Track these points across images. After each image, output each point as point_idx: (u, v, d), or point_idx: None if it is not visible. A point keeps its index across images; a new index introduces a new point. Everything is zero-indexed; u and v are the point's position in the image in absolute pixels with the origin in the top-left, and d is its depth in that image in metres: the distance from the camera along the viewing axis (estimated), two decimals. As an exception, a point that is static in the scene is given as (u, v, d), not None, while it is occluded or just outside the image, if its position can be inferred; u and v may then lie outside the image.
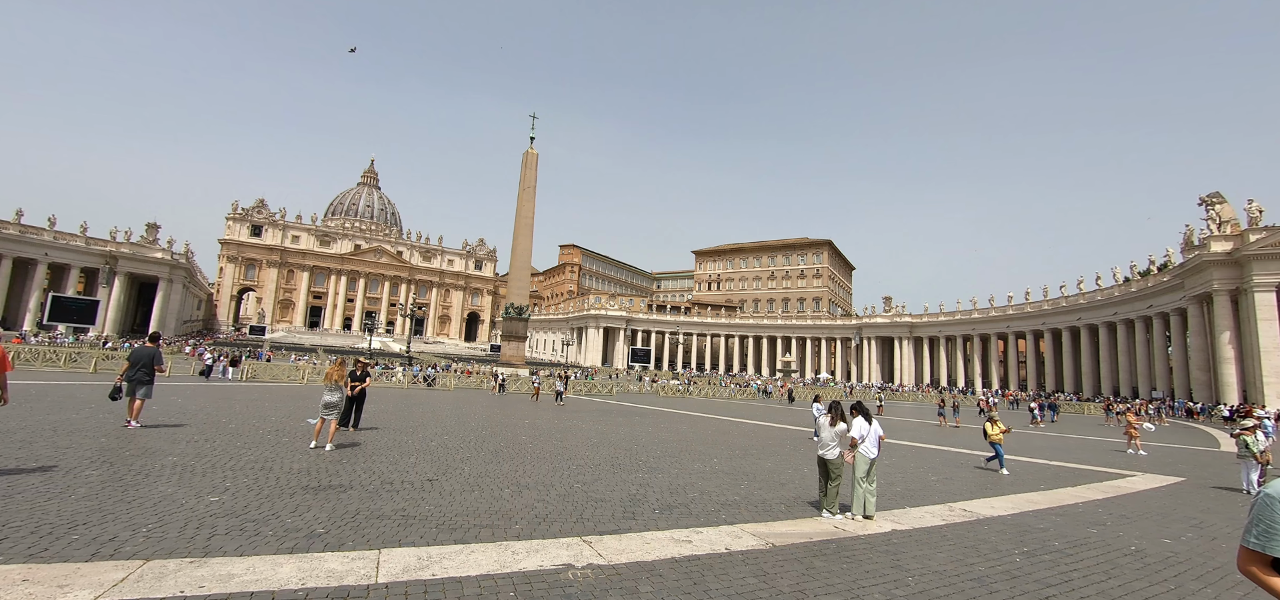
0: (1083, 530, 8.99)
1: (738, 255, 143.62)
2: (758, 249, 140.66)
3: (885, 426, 29.74)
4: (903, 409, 52.26)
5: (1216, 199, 55.51)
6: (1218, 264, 51.46)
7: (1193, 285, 55.05)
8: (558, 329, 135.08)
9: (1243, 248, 49.82)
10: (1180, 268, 57.71)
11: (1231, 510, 11.49)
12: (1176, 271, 58.50)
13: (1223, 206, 54.99)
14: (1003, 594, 5.95)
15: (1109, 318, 69.16)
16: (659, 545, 6.85)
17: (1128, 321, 66.80)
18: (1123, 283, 69.42)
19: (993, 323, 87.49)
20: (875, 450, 8.88)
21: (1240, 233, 51.25)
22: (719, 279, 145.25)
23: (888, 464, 15.33)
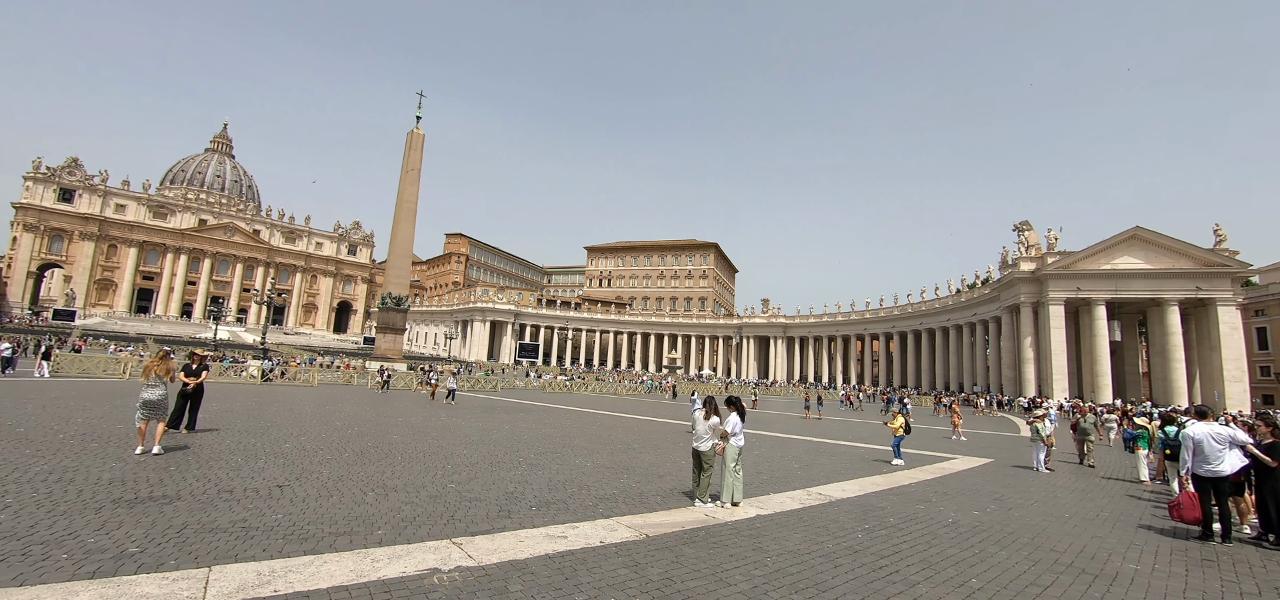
0: (913, 506, 10.30)
1: (629, 253, 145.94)
2: (648, 248, 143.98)
3: (760, 420, 31.91)
4: (776, 403, 56.33)
5: (1025, 226, 66.17)
6: (1024, 281, 61.41)
7: (1006, 298, 65.18)
8: (440, 321, 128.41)
9: (1042, 268, 59.93)
10: (997, 283, 68.14)
11: (1025, 485, 13.77)
12: (994, 286, 68.98)
13: (1030, 232, 65.68)
14: (846, 567, 6.64)
15: (943, 323, 79.81)
16: (533, 543, 6.76)
17: (957, 327, 77.52)
18: (954, 294, 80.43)
19: (853, 325, 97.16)
20: (743, 441, 9.47)
21: (1041, 255, 61.58)
22: (610, 276, 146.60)
23: (758, 454, 16.43)
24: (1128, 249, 57.49)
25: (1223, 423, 9.90)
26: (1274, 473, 8.89)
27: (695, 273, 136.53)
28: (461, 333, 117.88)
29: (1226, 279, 54.66)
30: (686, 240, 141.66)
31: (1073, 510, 10.99)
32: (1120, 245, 57.78)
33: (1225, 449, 9.02)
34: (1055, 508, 11.14)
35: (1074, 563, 7.41)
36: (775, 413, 40.35)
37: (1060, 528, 9.39)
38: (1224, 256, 54.46)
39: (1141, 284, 56.70)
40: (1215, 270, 54.54)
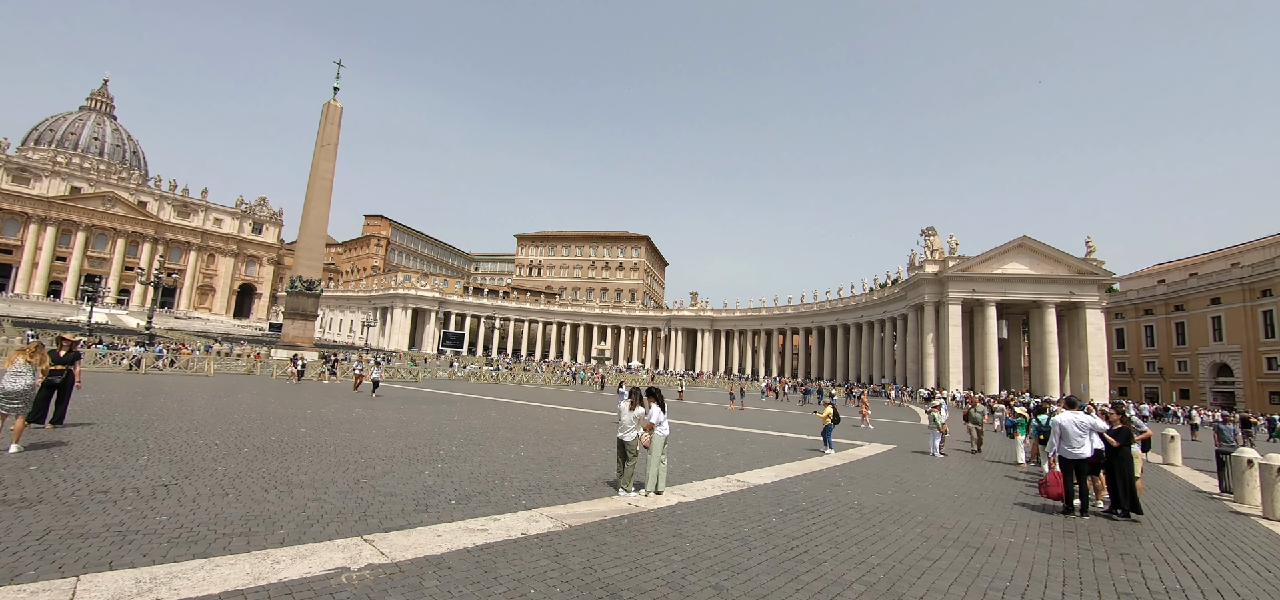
0: (823, 491, 10.95)
1: (560, 243, 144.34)
2: (580, 239, 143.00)
3: (686, 410, 32.63)
4: (702, 394, 57.81)
5: (931, 232, 71.56)
6: (928, 282, 66.46)
7: (912, 297, 70.28)
8: (357, 308, 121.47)
9: (944, 271, 65.10)
10: (904, 283, 73.33)
11: (922, 469, 14.98)
12: (902, 286, 74.18)
13: (934, 238, 71.10)
14: (760, 549, 6.96)
15: (857, 320, 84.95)
16: (451, 537, 6.59)
17: (870, 323, 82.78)
18: (868, 292, 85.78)
19: (775, 319, 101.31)
20: (667, 430, 9.67)
21: (943, 259, 66.86)
22: (541, 265, 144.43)
23: (683, 444, 16.82)
24: (1016, 256, 63.59)
25: (1086, 412, 11.22)
26: (1119, 454, 10.21)
27: (626, 265, 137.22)
28: (380, 320, 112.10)
29: (1094, 285, 61.78)
30: (619, 232, 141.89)
31: (961, 491, 12.10)
32: (1009, 252, 63.80)
33: (1086, 435, 10.25)
34: (947, 489, 12.21)
35: (960, 537, 8.17)
36: (701, 403, 41.41)
37: (950, 507, 10.31)
38: (1093, 265, 61.50)
39: (1026, 288, 62.96)
40: (1085, 277, 61.50)
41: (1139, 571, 7.09)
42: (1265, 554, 8.36)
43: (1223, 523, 10.44)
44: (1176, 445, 19.42)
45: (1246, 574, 7.30)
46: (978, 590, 6.05)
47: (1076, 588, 6.33)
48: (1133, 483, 10.38)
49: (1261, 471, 11.13)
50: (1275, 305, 60.77)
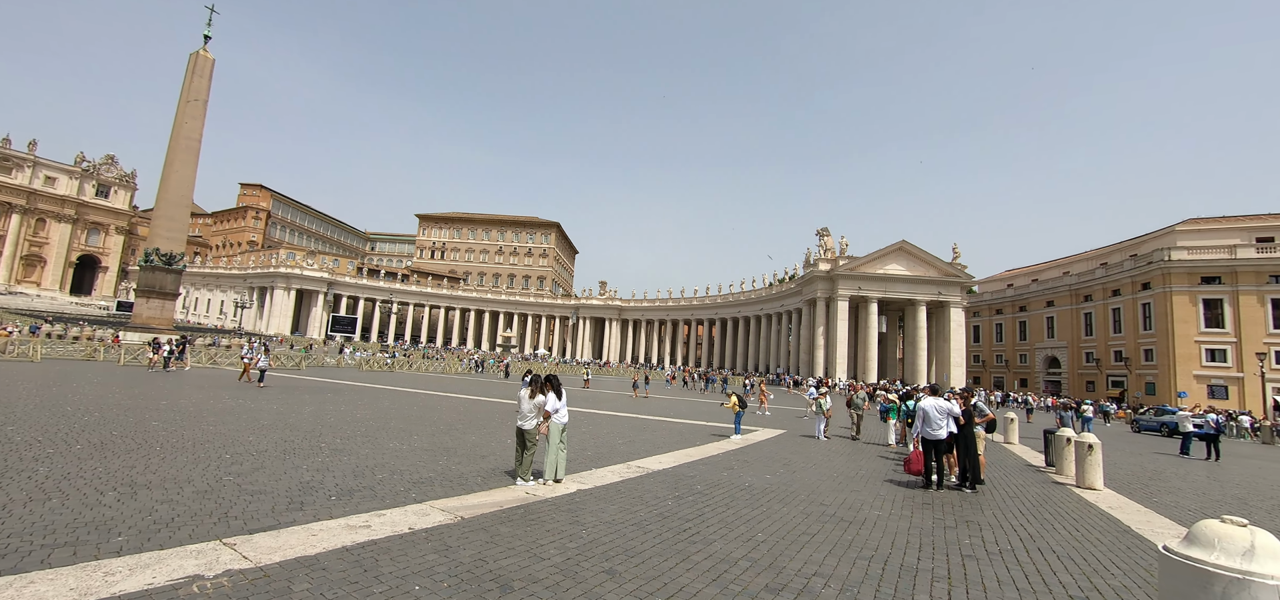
0: (718, 474, 11.45)
1: (466, 226, 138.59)
2: (487, 222, 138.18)
3: (592, 398, 32.72)
4: (609, 383, 58.25)
5: (825, 232, 76.82)
6: (821, 279, 71.40)
7: (806, 293, 75.19)
8: (230, 287, 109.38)
9: (835, 270, 70.23)
10: (800, 279, 78.27)
11: (808, 452, 16.11)
12: (798, 282, 79.13)
13: (828, 238, 76.41)
14: (654, 532, 7.14)
15: (758, 312, 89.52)
16: (329, 535, 6.13)
17: (769, 316, 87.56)
18: (768, 286, 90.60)
19: (682, 310, 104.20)
20: (566, 417, 9.63)
21: (835, 258, 72.10)
22: (444, 248, 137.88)
23: (586, 432, 16.86)
24: (895, 258, 69.98)
25: (946, 398, 12.62)
26: (965, 434, 11.62)
27: (535, 251, 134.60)
28: (258, 301, 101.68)
29: (957, 287, 69.52)
30: (528, 217, 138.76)
31: (840, 471, 13.17)
32: (890, 255, 70.09)
33: (944, 418, 11.54)
34: (828, 469, 13.23)
35: (836, 513, 8.89)
36: (607, 392, 41.71)
37: (830, 485, 11.18)
38: (958, 270, 69.16)
39: (903, 287, 69.53)
40: (951, 280, 69.04)
41: (979, 536, 8.10)
42: (1077, 516, 9.89)
43: (1046, 491, 12.21)
44: (1015, 427, 22.44)
45: (1061, 533, 8.59)
46: (848, 560, 6.62)
47: (929, 553, 7.12)
48: (977, 459, 11.86)
49: (1076, 448, 13.14)
50: (1093, 308, 71.78)
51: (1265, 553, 2.76)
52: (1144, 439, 32.82)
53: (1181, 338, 59.44)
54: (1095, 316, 71.41)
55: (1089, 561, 7.22)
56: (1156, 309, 62.17)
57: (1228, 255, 59.11)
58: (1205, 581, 2.79)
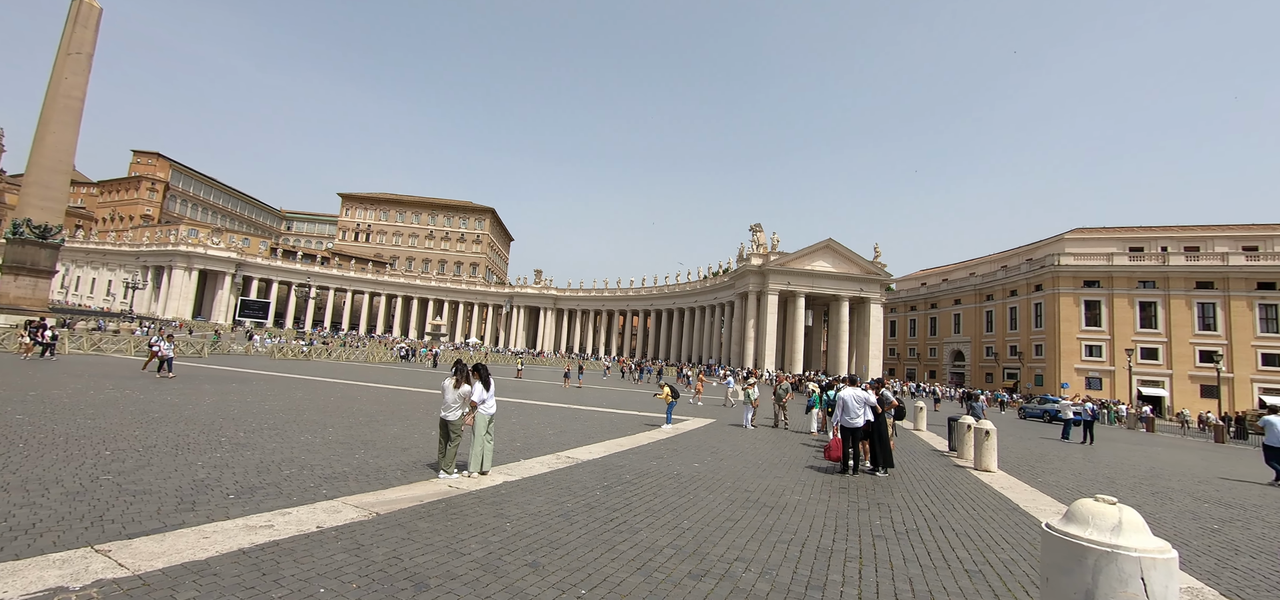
0: (648, 463, 11.53)
1: (395, 208, 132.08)
2: (417, 205, 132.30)
3: (524, 389, 32.13)
4: (543, 373, 57.48)
5: (758, 228, 79.16)
6: (753, 273, 73.58)
7: (739, 286, 77.30)
8: (120, 265, 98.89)
9: (766, 264, 72.58)
10: (733, 273, 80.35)
11: (736, 440, 16.56)
12: (731, 275, 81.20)
13: (760, 234, 78.79)
14: (581, 523, 7.07)
15: (692, 304, 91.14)
16: (224, 538, 5.63)
17: (703, 308, 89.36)
18: (702, 279, 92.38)
19: (618, 301, 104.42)
20: (493, 408, 9.36)
21: (766, 254, 74.47)
22: (370, 230, 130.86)
23: (517, 422, 16.52)
24: (822, 255, 73.23)
25: (864, 389, 13.31)
26: (880, 423, 12.33)
27: (468, 237, 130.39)
28: (153, 281, 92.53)
29: (877, 285, 73.72)
30: (462, 202, 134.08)
31: (765, 458, 13.62)
32: (818, 252, 73.26)
33: (861, 407, 12.16)
34: (754, 457, 13.65)
35: (760, 499, 9.17)
36: (540, 382, 41.14)
37: (754, 473, 11.53)
38: (878, 268, 73.30)
39: (829, 284, 72.90)
40: (872, 277, 73.10)
41: (889, 517, 8.61)
42: (974, 497, 10.72)
43: (949, 474, 13.17)
44: (923, 415, 24.10)
45: (960, 512, 9.29)
46: (769, 544, 6.83)
47: (844, 534, 7.48)
48: (888, 444, 12.62)
49: (974, 434, 14.26)
50: (994, 307, 78.28)
51: (1130, 528, 3.06)
52: (1030, 425, 36.25)
53: (1066, 334, 65.99)
54: (995, 314, 77.92)
55: (983, 538, 7.83)
56: (1046, 309, 68.65)
57: (1105, 262, 66.10)
58: (1080, 555, 3.06)
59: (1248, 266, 60.68)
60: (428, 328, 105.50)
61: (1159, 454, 23.40)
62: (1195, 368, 60.84)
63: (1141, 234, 69.35)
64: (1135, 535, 3.01)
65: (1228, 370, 58.58)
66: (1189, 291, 62.43)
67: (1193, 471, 18.01)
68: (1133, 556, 2.93)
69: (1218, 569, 7.33)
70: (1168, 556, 2.97)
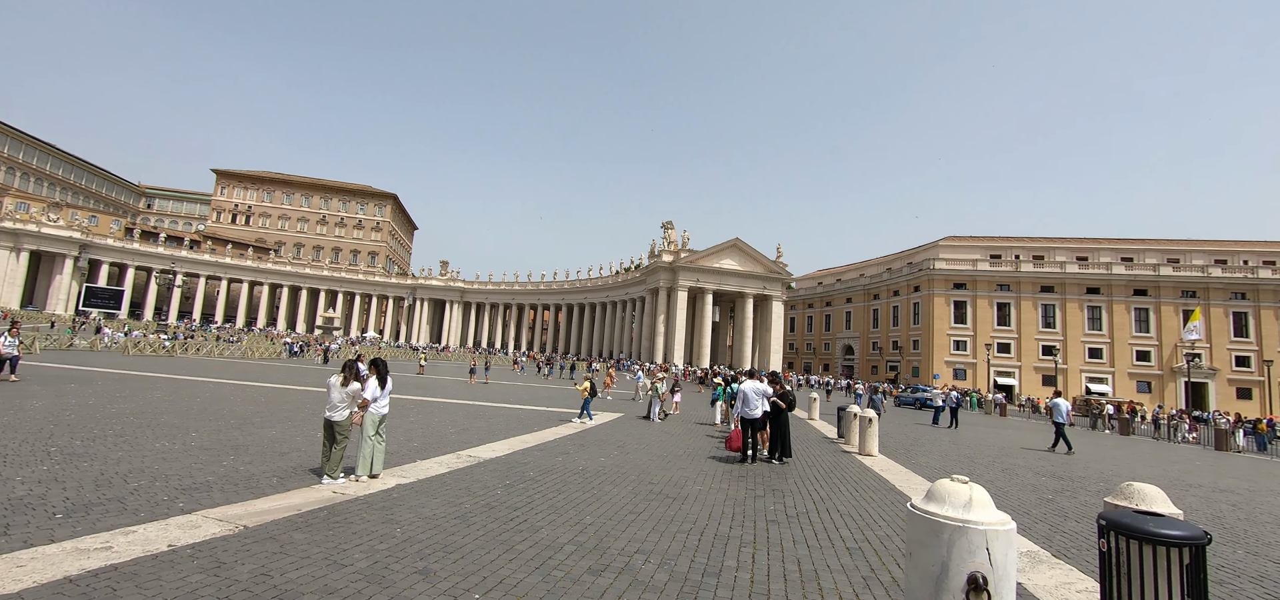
0: (553, 459, 11.38)
1: (281, 188, 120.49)
2: (308, 186, 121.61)
3: (426, 385, 30.58)
4: (448, 368, 55.05)
5: (669, 225, 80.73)
6: (664, 269, 75.02)
7: (650, 281, 78.52)
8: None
9: (677, 261, 74.25)
10: (645, 269, 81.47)
11: (642, 433, 16.78)
12: (643, 271, 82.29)
13: (671, 231, 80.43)
14: (479, 524, 6.81)
15: (604, 299, 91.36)
16: (45, 565, 4.81)
17: (614, 303, 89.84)
18: (614, 274, 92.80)
19: (528, 294, 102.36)
20: (386, 407, 8.79)
21: (677, 251, 76.17)
22: (251, 212, 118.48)
23: (415, 421, 15.68)
24: (730, 254, 76.14)
25: (763, 381, 13.96)
26: (782, 415, 13.02)
27: (367, 224, 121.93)
28: (-35, 264, 77.87)
29: (779, 283, 77.87)
30: (360, 186, 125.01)
31: (670, 450, 13.92)
32: (725, 250, 76.07)
33: (760, 399, 12.75)
34: (659, 449, 13.90)
35: (663, 490, 9.34)
36: (445, 379, 39.41)
37: (659, 465, 11.74)
38: (779, 267, 77.41)
39: (735, 281, 75.95)
40: (774, 276, 77.08)
41: (782, 502, 9.10)
42: (857, 479, 11.61)
43: (837, 459, 14.18)
44: (816, 405, 25.81)
45: (845, 495, 10.01)
46: (669, 534, 6.96)
47: (740, 521, 7.80)
48: (787, 434, 13.36)
49: (859, 422, 15.46)
50: (880, 305, 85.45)
51: (979, 504, 3.40)
52: (905, 413, 40.03)
53: (938, 331, 73.49)
54: (881, 312, 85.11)
55: (864, 517, 8.50)
56: (923, 308, 76.02)
57: (970, 267, 74.31)
58: (937, 530, 3.36)
59: (1079, 274, 70.83)
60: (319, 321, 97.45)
61: (1009, 435, 26.70)
62: (1038, 360, 70.09)
63: (1000, 243, 78.68)
64: (982, 511, 3.36)
65: (1063, 362, 68.13)
66: (1035, 294, 71.77)
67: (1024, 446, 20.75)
68: (980, 529, 3.27)
69: (1051, 533, 8.46)
70: (1008, 527, 3.35)
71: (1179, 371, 64.72)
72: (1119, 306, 69.00)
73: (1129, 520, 4.26)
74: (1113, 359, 68.42)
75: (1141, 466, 18.81)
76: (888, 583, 5.82)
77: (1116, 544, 4.23)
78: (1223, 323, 66.07)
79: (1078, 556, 7.26)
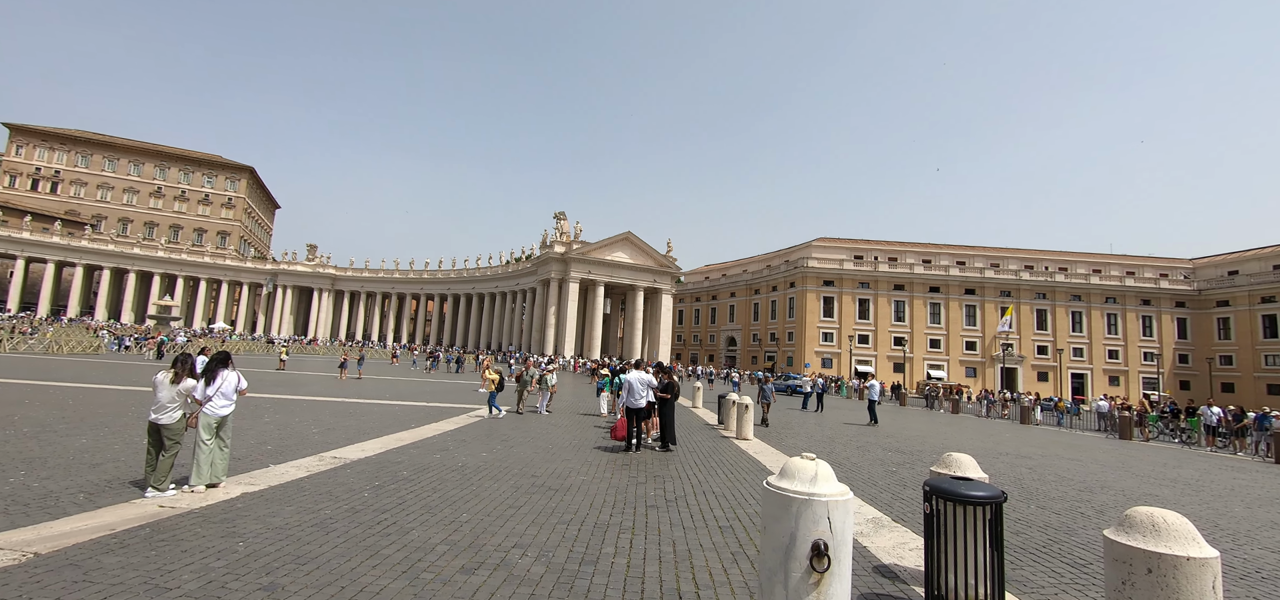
0: (429, 457, 10.82)
1: (103, 152, 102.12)
2: (139, 151, 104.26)
3: (288, 382, 27.62)
4: (315, 363, 50.20)
5: (562, 216, 79.88)
6: (555, 260, 74.16)
7: (541, 272, 77.27)
8: None
9: (569, 253, 73.72)
10: (536, 259, 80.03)
11: (529, 426, 16.49)
12: (534, 262, 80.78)
13: (564, 222, 79.64)
14: (340, 530, 6.29)
15: (493, 289, 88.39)
16: None
17: (504, 293, 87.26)
18: (505, 265, 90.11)
19: (411, 284, 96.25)
20: (230, 407, 7.81)
21: (569, 242, 75.61)
22: (58, 178, 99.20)
23: (272, 421, 14.14)
24: (621, 247, 77.03)
25: (649, 372, 14.30)
26: (666, 404, 13.45)
27: (217, 200, 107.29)
28: None
29: (669, 277, 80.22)
30: (209, 155, 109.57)
31: (556, 442, 13.83)
32: (616, 244, 76.85)
33: (645, 389, 13.07)
34: (546, 443, 13.75)
35: (546, 483, 9.26)
36: (310, 374, 35.93)
37: (545, 458, 11.62)
38: (670, 261, 79.74)
39: (626, 274, 77.04)
40: (665, 270, 79.27)
41: (662, 488, 9.42)
42: (733, 462, 12.33)
43: (716, 444, 14.95)
44: (700, 394, 27.02)
45: (721, 477, 10.59)
46: (549, 526, 6.92)
47: (621, 508, 7.95)
48: (672, 422, 13.83)
49: (736, 408, 16.43)
50: (760, 300, 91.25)
51: (822, 478, 3.75)
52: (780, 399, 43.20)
53: (809, 324, 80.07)
54: (761, 306, 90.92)
55: (736, 497, 9.04)
56: (797, 303, 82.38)
57: (837, 266, 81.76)
58: (787, 503, 3.66)
59: (924, 275, 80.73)
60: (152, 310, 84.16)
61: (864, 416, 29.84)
62: (891, 350, 79.01)
63: (863, 245, 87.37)
64: (825, 484, 3.71)
65: (910, 352, 77.37)
66: (889, 292, 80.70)
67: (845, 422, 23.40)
68: (822, 501, 3.61)
69: (892, 501, 9.57)
70: (846, 498, 3.73)
71: (996, 358, 76.32)
72: (954, 304, 79.71)
73: (946, 485, 4.94)
74: (948, 348, 78.94)
75: (965, 439, 21.93)
76: (753, 556, 6.25)
77: (937, 506, 4.89)
78: (1029, 318, 78.84)
79: (913, 520, 8.28)
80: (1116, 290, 78.83)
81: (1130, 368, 77.49)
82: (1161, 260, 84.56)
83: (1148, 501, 11.30)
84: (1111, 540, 3.66)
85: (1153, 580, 3.39)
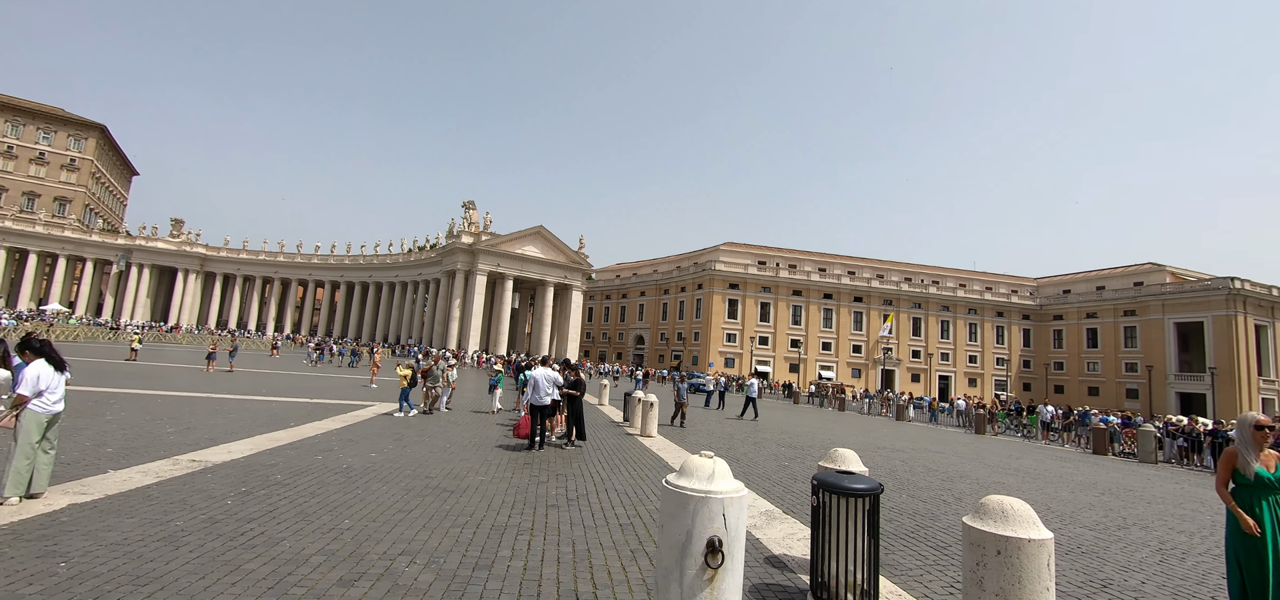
0: (309, 458, 9.90)
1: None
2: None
3: (144, 375, 24.19)
4: (179, 353, 44.50)
5: (471, 206, 76.75)
6: (462, 251, 71.16)
7: (447, 263, 73.84)
8: None
9: (476, 244, 71.02)
10: (442, 249, 76.35)
11: (425, 425, 15.63)
12: (439, 251, 77.02)
13: (473, 212, 76.58)
14: (193, 544, 5.55)
15: (392, 278, 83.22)
16: None
17: (404, 283, 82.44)
18: (406, 252, 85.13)
19: (297, 268, 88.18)
20: (58, 405, 6.66)
21: (478, 233, 72.85)
22: None
23: (117, 419, 12.30)
24: (532, 241, 75.44)
25: (555, 369, 14.06)
26: (575, 400, 13.31)
27: (55, 159, 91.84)
28: None
29: (580, 274, 79.73)
30: (47, 107, 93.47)
31: (454, 440, 13.21)
32: (528, 237, 75.18)
33: (550, 386, 12.83)
34: (443, 441, 13.09)
35: (440, 484, 8.78)
36: (172, 365, 31.81)
37: (440, 457, 11.04)
38: (581, 258, 79.23)
39: (537, 269, 75.56)
40: (576, 267, 78.66)
41: (564, 486, 9.28)
42: (636, 459, 12.43)
43: (622, 441, 15.01)
44: (607, 391, 27.09)
45: (624, 474, 10.62)
46: (442, 531, 6.56)
47: (520, 509, 7.72)
48: (582, 418, 13.71)
49: (641, 405, 16.62)
50: (669, 300, 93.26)
51: (719, 476, 3.83)
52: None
53: (715, 325, 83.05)
54: (670, 305, 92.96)
55: (638, 494, 9.11)
56: (704, 304, 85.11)
57: (742, 270, 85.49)
58: (684, 501, 3.70)
59: (819, 282, 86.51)
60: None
61: (764, 415, 31.41)
62: (787, 352, 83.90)
63: (767, 252, 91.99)
64: (721, 481, 3.79)
65: (804, 353, 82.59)
66: (788, 297, 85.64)
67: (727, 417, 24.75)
68: (718, 498, 3.68)
69: (784, 494, 10.10)
70: (740, 494, 3.83)
71: (878, 361, 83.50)
72: (844, 310, 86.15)
73: (831, 479, 5.25)
74: (838, 351, 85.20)
75: (849, 435, 23.73)
76: (652, 552, 6.30)
77: (823, 498, 5.18)
78: (906, 325, 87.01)
79: (802, 512, 8.77)
80: (977, 303, 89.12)
81: (986, 371, 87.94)
82: (1013, 278, 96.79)
83: (997, 489, 12.82)
84: (969, 526, 4.06)
85: (1001, 560, 3.80)
